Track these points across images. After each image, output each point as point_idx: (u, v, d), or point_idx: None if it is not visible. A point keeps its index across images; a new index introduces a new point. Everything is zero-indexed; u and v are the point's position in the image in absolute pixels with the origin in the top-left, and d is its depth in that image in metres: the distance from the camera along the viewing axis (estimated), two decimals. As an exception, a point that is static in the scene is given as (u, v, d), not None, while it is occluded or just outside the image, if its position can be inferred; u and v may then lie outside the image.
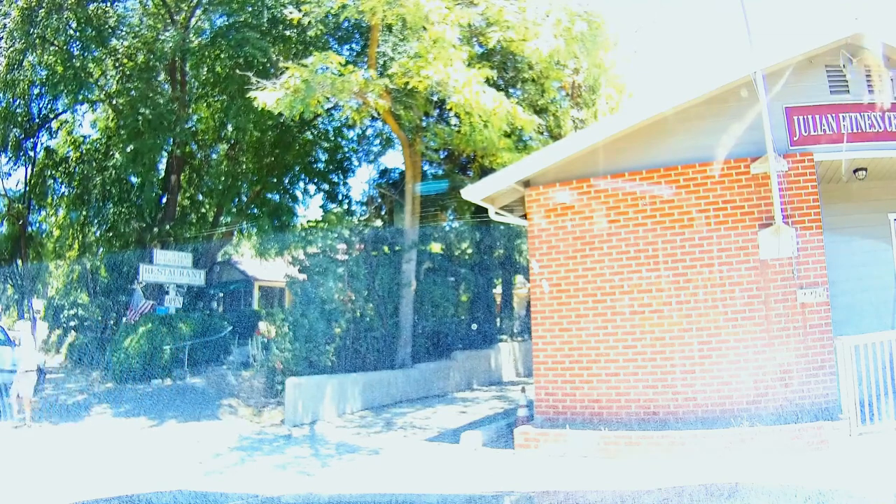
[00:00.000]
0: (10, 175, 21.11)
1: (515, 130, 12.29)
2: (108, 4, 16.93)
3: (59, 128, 21.16)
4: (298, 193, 21.47)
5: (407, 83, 10.64)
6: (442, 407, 11.91)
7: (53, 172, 21.10)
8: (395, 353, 13.34)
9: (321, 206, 21.20)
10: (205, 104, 19.20)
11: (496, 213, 9.08)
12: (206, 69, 17.39)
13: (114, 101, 18.21)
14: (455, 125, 13.38)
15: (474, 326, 17.01)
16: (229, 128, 18.98)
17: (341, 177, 20.99)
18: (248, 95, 10.69)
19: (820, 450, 6.24)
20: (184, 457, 7.95)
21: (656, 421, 7.38)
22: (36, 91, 18.79)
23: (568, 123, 15.52)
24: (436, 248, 17.50)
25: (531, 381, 8.57)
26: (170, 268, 16.64)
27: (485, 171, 12.36)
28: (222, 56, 16.00)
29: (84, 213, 20.21)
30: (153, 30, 17.39)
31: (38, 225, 22.91)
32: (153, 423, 10.37)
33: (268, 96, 10.04)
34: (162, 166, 19.60)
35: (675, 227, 7.69)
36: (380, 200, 20.21)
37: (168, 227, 18.79)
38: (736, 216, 7.50)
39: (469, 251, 18.13)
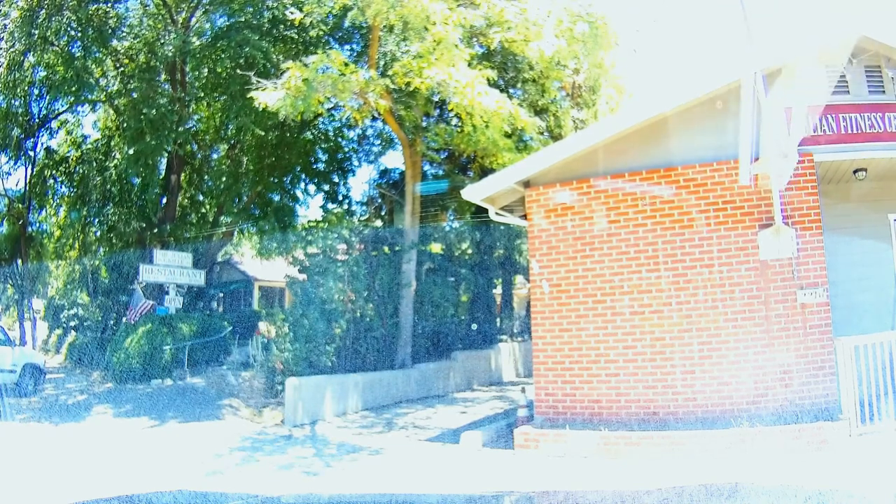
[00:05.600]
0: (10, 175, 21.11)
1: (516, 131, 12.31)
2: (109, 5, 16.92)
3: (59, 128, 21.13)
4: (299, 193, 21.47)
5: (409, 83, 10.65)
6: (442, 407, 11.91)
7: (54, 172, 21.07)
8: (395, 354, 13.35)
9: (321, 207, 21.18)
10: (205, 104, 19.19)
11: (496, 213, 9.09)
12: (206, 69, 17.37)
13: (114, 102, 18.21)
14: (456, 125, 13.39)
15: (474, 327, 17.02)
16: (230, 128, 18.99)
17: (342, 177, 21.00)
18: (248, 95, 10.71)
19: (820, 450, 6.24)
20: (185, 457, 7.96)
21: (656, 421, 7.38)
22: (36, 91, 18.76)
23: (568, 123, 15.54)
24: (436, 248, 17.51)
25: (531, 381, 8.57)
26: (170, 268, 16.64)
27: (485, 172, 12.37)
28: (223, 56, 15.99)
29: (84, 213, 20.18)
30: (154, 30, 17.39)
31: (38, 225, 22.87)
32: (154, 424, 10.37)
33: (269, 96, 10.06)
34: (162, 166, 19.58)
35: (675, 228, 7.70)
36: (380, 201, 20.23)
37: (168, 227, 18.79)
38: (736, 216, 7.51)
39: (469, 251, 18.14)
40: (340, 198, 20.83)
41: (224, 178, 19.54)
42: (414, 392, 12.96)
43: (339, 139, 20.41)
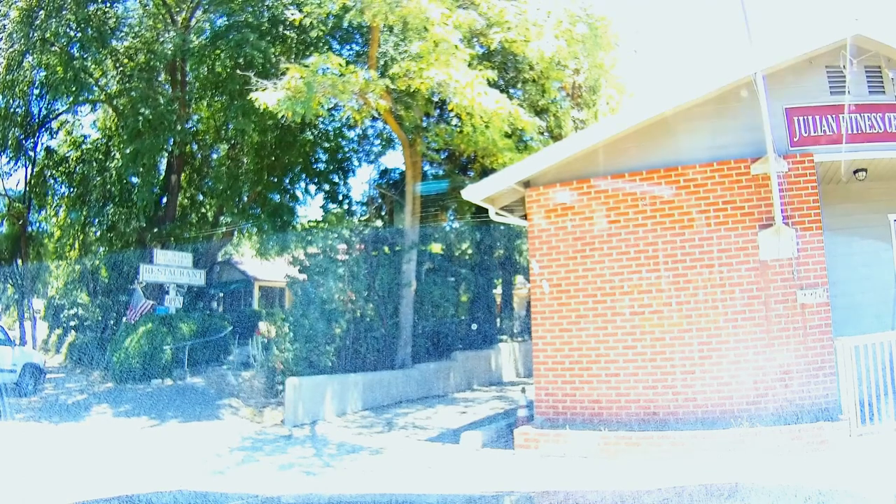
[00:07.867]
0: (10, 175, 21.13)
1: (516, 131, 12.31)
2: (108, 5, 16.93)
3: (59, 128, 21.14)
4: (299, 193, 21.44)
5: (409, 84, 10.65)
6: (442, 407, 11.91)
7: (54, 172, 21.09)
8: (395, 354, 13.35)
9: (322, 207, 21.15)
10: (205, 104, 19.19)
11: (496, 213, 9.09)
12: (206, 69, 17.37)
13: (114, 102, 18.21)
14: (456, 125, 13.39)
15: (474, 327, 17.02)
16: (230, 128, 18.97)
17: (342, 177, 20.96)
18: (248, 96, 10.70)
19: (820, 450, 6.25)
20: (185, 457, 7.96)
21: (656, 421, 7.39)
22: (36, 91, 18.77)
23: (568, 124, 15.53)
24: (436, 248, 17.50)
25: (531, 381, 8.58)
26: (170, 268, 16.64)
27: (485, 172, 12.36)
28: (223, 56, 15.99)
29: (84, 212, 20.19)
30: (153, 30, 17.40)
31: (38, 225, 22.89)
32: (154, 423, 10.38)
33: (269, 97, 10.05)
34: (162, 166, 19.60)
35: (675, 228, 7.70)
36: (380, 201, 20.21)
37: (168, 227, 18.79)
38: (736, 217, 7.51)
39: (469, 251, 18.14)
40: (340, 198, 20.82)
41: (224, 178, 19.53)
42: (414, 392, 12.96)
43: (340, 139, 20.37)
